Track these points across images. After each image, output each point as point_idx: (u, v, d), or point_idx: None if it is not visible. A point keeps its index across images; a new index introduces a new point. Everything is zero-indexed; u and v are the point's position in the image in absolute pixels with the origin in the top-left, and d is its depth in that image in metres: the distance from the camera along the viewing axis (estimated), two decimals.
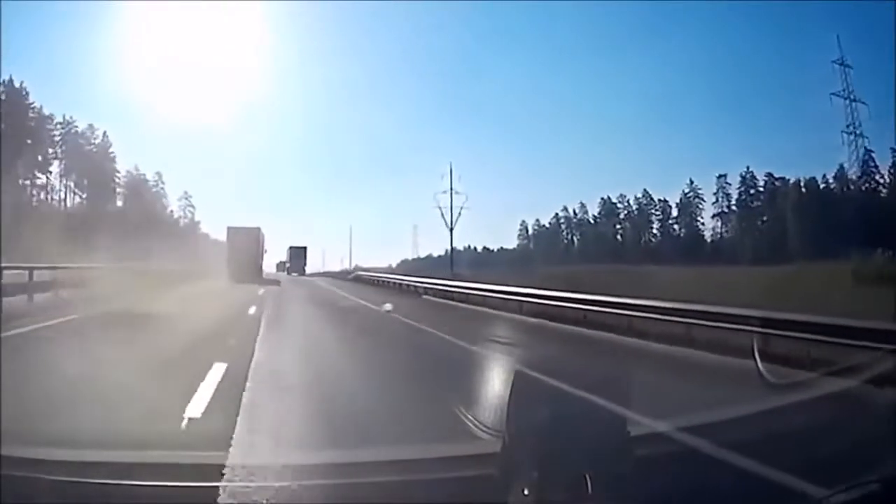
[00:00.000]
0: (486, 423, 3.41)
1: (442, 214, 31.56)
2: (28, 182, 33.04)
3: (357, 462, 3.04)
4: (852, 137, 28.45)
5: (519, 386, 2.34)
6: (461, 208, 31.19)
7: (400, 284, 23.49)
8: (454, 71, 37.37)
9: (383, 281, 26.17)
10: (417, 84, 40.69)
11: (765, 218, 33.39)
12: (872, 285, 13.04)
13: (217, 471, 2.58)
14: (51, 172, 34.05)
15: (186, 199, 38.06)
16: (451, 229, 31.54)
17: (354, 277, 28.86)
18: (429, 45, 38.54)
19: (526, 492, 2.05)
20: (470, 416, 3.71)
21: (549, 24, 33.32)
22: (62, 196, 34.36)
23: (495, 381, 5.45)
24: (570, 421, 2.29)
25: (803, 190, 32.19)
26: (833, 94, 27.71)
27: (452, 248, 33.39)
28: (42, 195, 33.65)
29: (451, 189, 30.88)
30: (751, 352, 6.17)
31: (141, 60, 35.88)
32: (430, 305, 17.69)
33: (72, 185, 34.51)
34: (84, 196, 34.86)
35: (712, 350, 7.99)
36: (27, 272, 14.07)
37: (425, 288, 20.35)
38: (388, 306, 14.77)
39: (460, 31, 37.67)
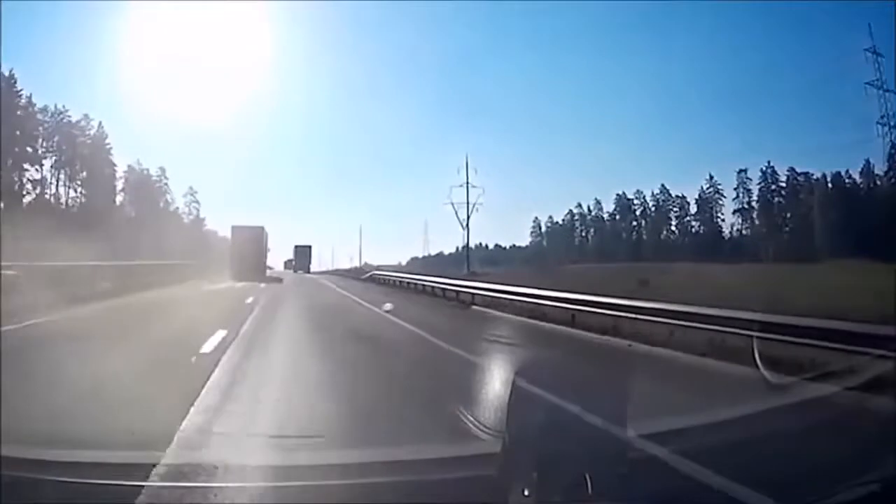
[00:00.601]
0: None
1: (455, 211, 31.33)
2: (17, 176, 31.60)
3: (358, 462, 2.99)
4: (886, 129, 27.70)
5: (519, 388, 2.33)
6: (474, 205, 31.08)
7: (430, 289, 18.14)
8: (460, 69, 36.98)
9: (405, 283, 21.61)
10: (423, 83, 40.70)
11: (788, 214, 32.68)
12: None
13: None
14: (42, 165, 32.59)
15: (192, 194, 37.27)
16: (468, 221, 31.28)
17: (369, 277, 28.18)
18: (433, 45, 38.57)
19: (526, 492, 2.05)
20: None
21: (556, 22, 33.06)
22: (53, 190, 33.07)
23: None
24: (569, 423, 2.26)
25: (829, 185, 31.44)
26: (867, 83, 27.04)
27: (468, 245, 33.28)
28: (38, 190, 32.40)
29: (468, 183, 30.63)
30: None
31: (143, 59, 36.13)
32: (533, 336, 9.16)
33: (65, 178, 33.09)
34: (80, 191, 33.46)
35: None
36: None
37: (472, 294, 14.53)
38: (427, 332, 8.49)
39: (463, 31, 37.57)
